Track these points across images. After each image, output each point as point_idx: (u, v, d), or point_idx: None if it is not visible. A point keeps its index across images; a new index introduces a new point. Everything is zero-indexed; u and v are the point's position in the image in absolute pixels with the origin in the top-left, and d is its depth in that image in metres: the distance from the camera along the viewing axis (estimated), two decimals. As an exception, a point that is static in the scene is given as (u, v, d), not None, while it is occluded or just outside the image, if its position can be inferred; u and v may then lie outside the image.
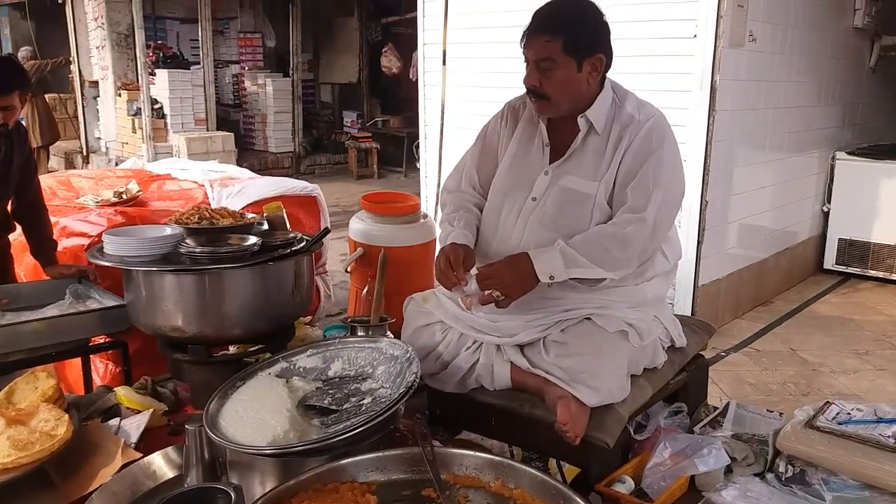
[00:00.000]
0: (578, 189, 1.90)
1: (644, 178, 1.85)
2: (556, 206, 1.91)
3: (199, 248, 2.00)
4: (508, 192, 2.00)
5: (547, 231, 1.90)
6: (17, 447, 1.64)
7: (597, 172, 1.90)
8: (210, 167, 4.22)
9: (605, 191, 1.89)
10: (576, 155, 1.93)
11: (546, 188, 1.94)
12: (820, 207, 5.82)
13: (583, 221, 1.89)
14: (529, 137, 2.02)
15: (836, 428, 1.82)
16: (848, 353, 4.15)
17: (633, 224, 1.83)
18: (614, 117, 1.91)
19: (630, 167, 1.87)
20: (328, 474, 1.42)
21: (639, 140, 1.87)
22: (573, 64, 1.84)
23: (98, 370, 3.07)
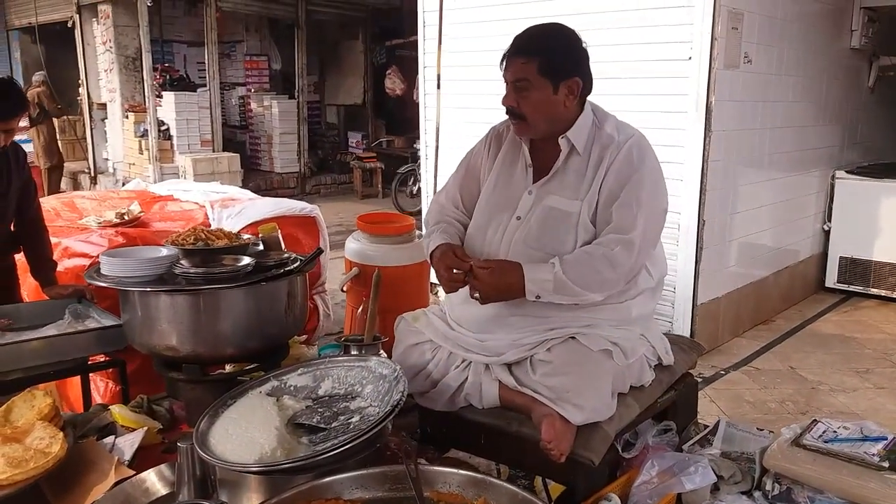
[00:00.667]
0: (561, 208, 1.93)
1: (628, 197, 1.88)
2: (539, 225, 1.95)
3: (193, 269, 2.04)
4: (493, 213, 2.04)
5: (531, 249, 1.94)
6: (11, 464, 1.67)
7: (578, 192, 1.93)
8: (211, 188, 4.28)
9: (588, 210, 1.92)
10: (558, 175, 1.97)
11: (530, 207, 1.97)
12: (820, 226, 5.83)
13: (567, 240, 1.92)
14: (513, 159, 2.06)
15: (822, 446, 1.84)
16: (848, 372, 4.14)
17: (621, 245, 1.86)
18: (594, 138, 1.95)
19: (613, 187, 1.90)
20: (313, 491, 1.44)
21: (620, 160, 1.90)
22: (549, 86, 1.88)
23: (98, 389, 3.11)
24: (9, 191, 2.66)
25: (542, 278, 1.84)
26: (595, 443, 1.80)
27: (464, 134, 4.79)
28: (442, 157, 5.19)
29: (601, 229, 1.91)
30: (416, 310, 2.19)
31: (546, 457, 1.76)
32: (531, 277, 1.84)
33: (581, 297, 1.86)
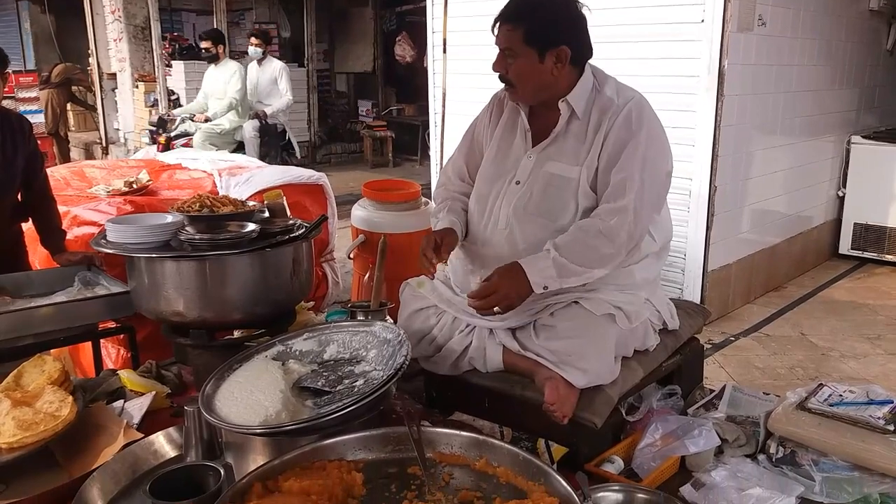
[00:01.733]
0: (561, 174, 1.92)
1: (625, 162, 1.85)
2: (540, 192, 1.93)
3: (198, 235, 2.04)
4: (494, 179, 2.02)
5: (532, 216, 1.93)
6: (21, 427, 1.70)
7: (578, 157, 1.91)
8: (219, 157, 4.28)
9: (588, 175, 1.90)
10: (558, 139, 1.94)
11: (529, 172, 1.96)
12: (835, 192, 5.76)
13: (568, 206, 1.91)
14: (513, 124, 2.04)
15: (827, 409, 1.83)
16: (859, 338, 4.12)
17: (617, 215, 1.83)
18: (594, 102, 1.92)
19: (612, 151, 1.87)
20: (316, 453, 1.46)
21: (618, 124, 1.87)
22: (534, 55, 1.85)
23: (110, 355, 3.14)
24: (14, 161, 2.67)
25: (543, 267, 1.79)
26: (598, 406, 1.80)
27: (470, 100, 4.74)
28: (449, 124, 5.15)
29: (601, 194, 1.89)
30: (421, 276, 2.18)
31: (549, 419, 1.77)
32: (532, 270, 1.79)
33: (586, 275, 1.83)
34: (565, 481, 1.32)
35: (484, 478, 1.43)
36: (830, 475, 1.73)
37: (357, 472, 1.42)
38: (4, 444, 1.69)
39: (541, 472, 1.38)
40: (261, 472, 1.37)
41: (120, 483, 1.66)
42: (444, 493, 1.37)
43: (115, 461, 1.69)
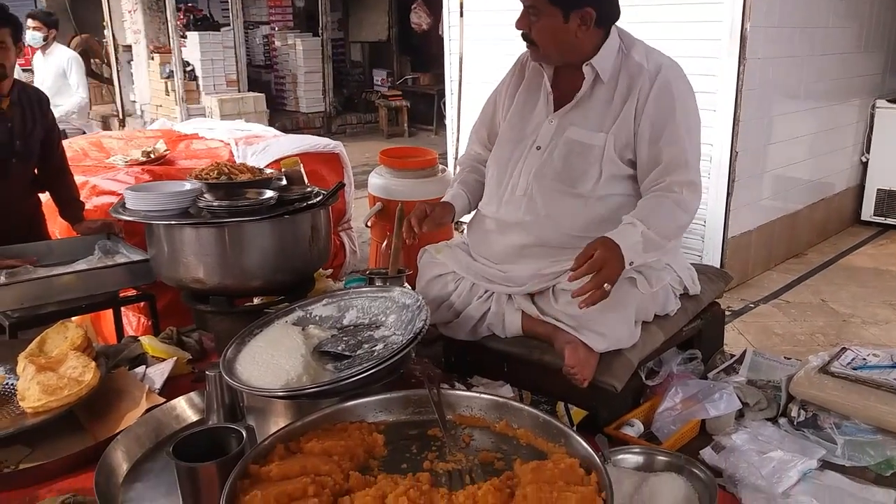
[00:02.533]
0: (583, 141, 1.88)
1: (675, 132, 1.82)
2: (561, 159, 1.90)
3: (216, 203, 2.04)
4: (514, 143, 2.00)
5: (552, 182, 1.90)
6: (46, 392, 1.72)
7: (603, 123, 1.87)
8: (236, 126, 4.28)
9: (617, 143, 1.86)
10: (581, 104, 1.91)
11: (551, 137, 1.92)
12: (858, 157, 5.66)
13: (590, 173, 1.88)
14: (536, 87, 2.01)
15: (851, 373, 1.81)
16: (880, 304, 4.08)
17: (686, 187, 1.82)
18: (621, 66, 1.88)
19: (655, 121, 1.83)
20: (337, 415, 1.47)
21: (657, 92, 1.83)
22: (559, 14, 1.81)
23: (131, 323, 3.19)
24: (32, 134, 2.69)
25: (633, 242, 1.73)
26: (618, 369, 1.79)
27: (487, 66, 4.68)
28: (465, 91, 5.09)
29: (648, 167, 1.85)
30: (439, 242, 2.18)
31: (569, 383, 1.77)
32: (626, 245, 1.71)
33: (664, 248, 1.83)
34: (585, 443, 1.32)
35: (504, 439, 1.43)
36: (852, 438, 1.71)
37: (378, 433, 1.43)
38: (30, 409, 1.72)
39: (561, 434, 1.38)
40: (283, 433, 1.38)
41: (144, 446, 1.69)
42: (464, 454, 1.37)
43: (138, 425, 1.72)
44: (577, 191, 1.89)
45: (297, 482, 1.22)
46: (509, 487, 1.26)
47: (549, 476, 1.26)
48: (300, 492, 1.21)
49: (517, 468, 1.32)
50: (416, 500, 1.18)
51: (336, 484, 1.25)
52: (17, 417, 1.74)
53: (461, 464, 1.34)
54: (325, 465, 1.28)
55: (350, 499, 1.21)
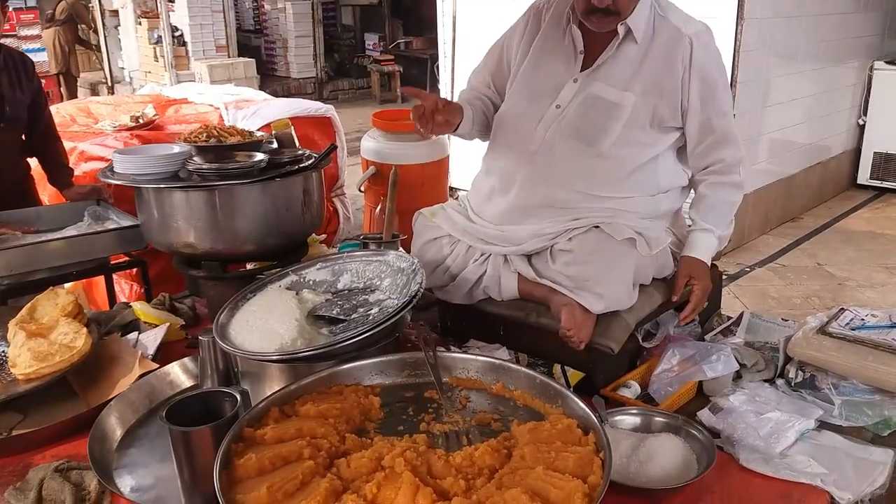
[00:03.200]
0: (605, 97, 1.83)
1: (723, 102, 1.84)
2: (581, 115, 1.84)
3: (206, 165, 2.00)
4: (531, 99, 1.92)
5: (568, 139, 1.85)
6: (37, 358, 1.70)
7: (630, 83, 1.82)
8: (226, 90, 4.21)
9: (648, 107, 1.81)
10: (608, 62, 1.84)
11: (572, 97, 1.86)
12: (855, 120, 5.62)
13: (609, 131, 1.83)
14: (557, 41, 1.92)
15: (849, 333, 1.80)
16: (876, 268, 4.08)
17: (741, 166, 1.88)
18: (655, 28, 1.82)
19: (703, 90, 1.81)
20: (332, 378, 1.46)
21: (701, 60, 1.80)
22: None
23: (123, 291, 3.16)
24: (19, 99, 2.64)
25: (711, 248, 1.89)
26: (615, 331, 1.78)
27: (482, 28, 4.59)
28: (460, 53, 5.01)
29: (699, 137, 1.86)
30: (434, 205, 2.14)
31: (565, 345, 1.76)
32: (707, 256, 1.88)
33: (729, 231, 1.93)
34: (583, 404, 1.31)
35: (501, 401, 1.42)
36: (850, 398, 1.71)
37: (374, 396, 1.42)
38: (21, 375, 1.70)
39: (558, 395, 1.37)
40: (277, 396, 1.37)
41: (137, 412, 1.68)
42: (461, 416, 1.36)
43: (131, 391, 1.70)
44: (593, 148, 1.84)
45: (293, 445, 1.21)
46: (506, 448, 1.25)
47: (546, 437, 1.25)
48: (296, 454, 1.20)
49: (514, 429, 1.31)
50: (413, 462, 1.17)
51: (332, 446, 1.24)
52: (9, 384, 1.72)
53: (458, 425, 1.33)
54: (320, 427, 1.27)
55: (346, 461, 1.20)
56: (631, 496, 1.34)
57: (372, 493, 1.12)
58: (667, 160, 1.92)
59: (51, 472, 1.42)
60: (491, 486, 1.15)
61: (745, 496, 1.37)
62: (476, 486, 1.15)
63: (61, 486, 1.39)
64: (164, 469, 1.43)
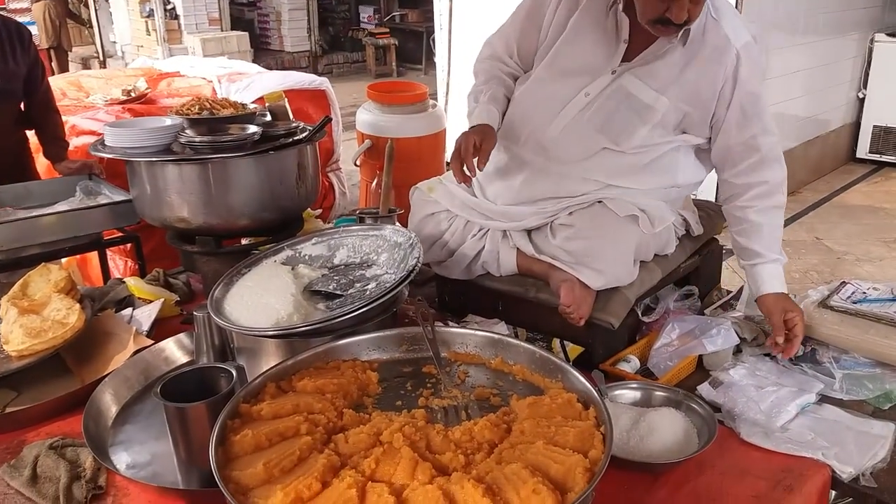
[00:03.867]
0: (639, 97, 1.75)
1: (767, 119, 1.77)
2: (610, 111, 1.76)
3: (199, 138, 1.97)
4: (560, 77, 1.82)
5: (592, 132, 1.78)
6: (30, 335, 1.68)
7: (667, 86, 1.74)
8: (219, 63, 4.14)
9: (675, 111, 1.75)
10: (651, 60, 1.75)
11: (604, 87, 1.78)
12: (855, 93, 5.58)
13: (636, 132, 1.76)
14: (599, 21, 1.80)
15: (850, 307, 1.78)
16: (875, 242, 4.06)
17: (784, 186, 1.82)
18: (705, 30, 1.72)
19: (747, 106, 1.73)
20: (329, 353, 1.44)
21: (748, 74, 1.72)
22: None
23: (118, 267, 3.14)
24: (16, 70, 2.60)
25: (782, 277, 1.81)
26: (615, 306, 1.76)
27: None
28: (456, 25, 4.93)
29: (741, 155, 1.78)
30: (431, 179, 2.11)
31: (565, 320, 1.74)
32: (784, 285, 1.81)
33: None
34: (583, 378, 1.30)
35: (500, 376, 1.41)
36: (851, 372, 1.70)
37: (371, 371, 1.40)
38: (14, 352, 1.68)
39: (558, 369, 1.35)
40: (274, 372, 1.35)
41: (133, 388, 1.66)
42: (460, 391, 1.34)
43: (126, 367, 1.69)
44: (617, 147, 1.78)
45: (290, 420, 1.19)
46: (506, 423, 1.24)
47: (546, 411, 1.24)
48: (293, 430, 1.18)
49: (514, 404, 1.29)
50: (412, 437, 1.16)
51: (329, 422, 1.22)
52: (2, 361, 1.69)
53: (457, 400, 1.32)
54: (318, 403, 1.25)
55: (344, 436, 1.18)
56: (631, 470, 1.34)
57: (370, 469, 1.10)
58: (687, 157, 1.86)
59: (45, 449, 1.41)
60: (491, 460, 1.13)
61: (746, 470, 1.36)
62: (475, 460, 1.14)
63: (56, 463, 1.37)
64: (160, 446, 1.41)
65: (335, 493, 1.03)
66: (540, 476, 1.05)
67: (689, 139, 1.83)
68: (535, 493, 1.01)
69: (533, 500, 1.00)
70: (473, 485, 1.03)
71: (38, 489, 1.33)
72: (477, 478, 1.07)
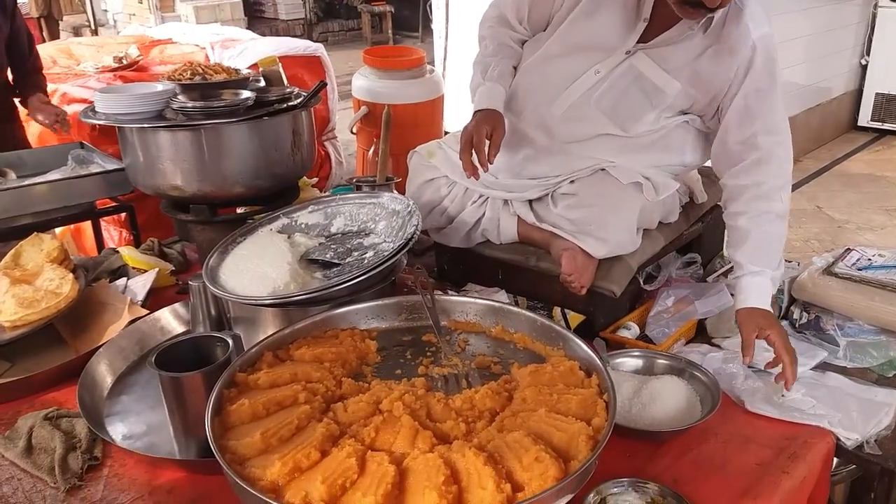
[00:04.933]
0: (651, 78, 1.69)
1: (775, 118, 1.66)
2: (620, 93, 1.70)
3: (191, 104, 1.91)
4: (571, 51, 1.75)
5: (599, 113, 1.73)
6: (23, 305, 1.65)
7: (680, 71, 1.67)
8: (212, 30, 4.07)
9: (685, 97, 1.69)
10: (667, 43, 1.68)
11: (616, 66, 1.71)
12: (857, 60, 5.50)
13: (645, 119, 1.71)
14: (618, 1, 1.71)
15: (855, 273, 1.76)
16: (876, 210, 4.04)
17: (785, 192, 1.67)
18: (726, 19, 1.64)
19: (753, 101, 1.65)
20: (327, 321, 1.41)
21: (761, 68, 1.63)
22: None
23: (113, 238, 3.10)
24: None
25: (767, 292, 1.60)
26: (617, 274, 1.74)
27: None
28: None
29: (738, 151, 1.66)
30: (431, 142, 2.07)
31: (566, 289, 1.71)
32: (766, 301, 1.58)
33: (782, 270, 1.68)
34: (585, 345, 1.28)
35: (501, 344, 1.39)
36: (855, 339, 1.68)
37: (370, 340, 1.38)
38: (7, 322, 1.65)
39: (559, 337, 1.33)
40: (271, 341, 1.33)
41: (128, 359, 1.64)
42: (460, 359, 1.32)
43: (121, 337, 1.67)
44: (624, 133, 1.73)
45: (288, 389, 1.17)
46: (507, 391, 1.22)
47: (548, 379, 1.22)
48: (290, 399, 1.16)
49: (515, 372, 1.28)
50: (412, 405, 1.14)
51: (328, 391, 1.20)
52: (-5, 331, 1.67)
53: (457, 368, 1.30)
54: (316, 372, 1.23)
55: (343, 405, 1.16)
56: (634, 439, 1.32)
57: (370, 437, 1.08)
58: (697, 138, 1.81)
59: (40, 420, 1.39)
60: (492, 428, 1.12)
61: (749, 438, 1.34)
62: (477, 429, 1.12)
63: (51, 433, 1.35)
64: (157, 416, 1.40)
65: (334, 461, 1.01)
66: (542, 444, 1.04)
67: (696, 121, 1.78)
68: (537, 460, 1.00)
69: (536, 468, 0.99)
70: (475, 453, 1.01)
71: (34, 460, 1.31)
72: (478, 446, 1.05)
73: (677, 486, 1.20)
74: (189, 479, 1.26)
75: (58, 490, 1.25)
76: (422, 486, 0.97)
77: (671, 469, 1.26)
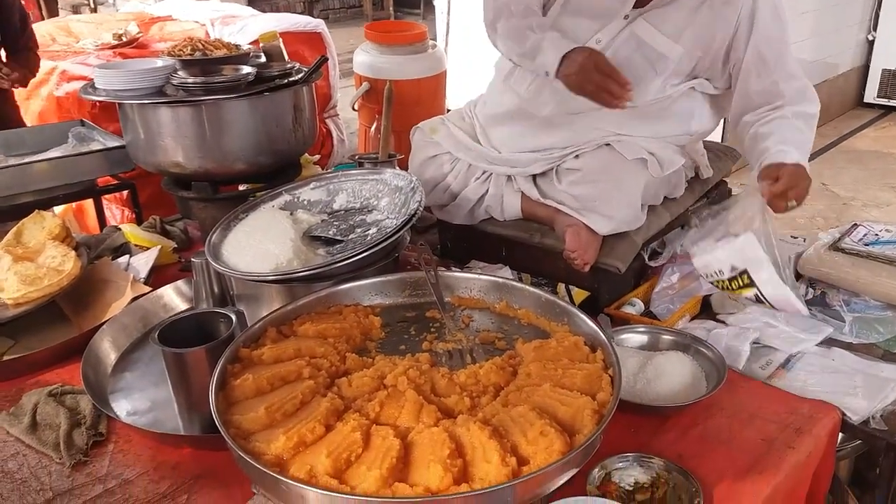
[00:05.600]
0: (655, 47, 1.68)
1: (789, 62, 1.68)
2: (623, 59, 1.68)
3: (191, 80, 1.90)
4: (570, 22, 1.75)
5: None
6: (25, 282, 1.65)
7: (681, 32, 1.67)
8: (212, 6, 4.02)
9: (689, 59, 1.68)
10: (664, 3, 1.68)
11: (616, 34, 1.70)
12: (864, 35, 5.43)
13: (650, 87, 1.70)
14: None
15: (862, 249, 1.75)
16: (882, 187, 4.01)
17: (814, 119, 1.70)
18: None
19: (764, 50, 1.65)
20: (331, 298, 1.41)
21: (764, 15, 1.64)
22: None
23: (115, 216, 3.09)
24: None
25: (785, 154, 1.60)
26: (622, 251, 1.73)
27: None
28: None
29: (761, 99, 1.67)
30: (434, 118, 2.05)
31: (570, 266, 1.70)
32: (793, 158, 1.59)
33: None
34: (590, 320, 1.27)
35: (505, 320, 1.38)
36: (862, 315, 1.67)
37: (374, 316, 1.37)
38: (9, 300, 1.65)
39: (564, 313, 1.32)
40: (275, 316, 1.32)
41: (131, 336, 1.64)
42: (464, 335, 1.32)
43: (124, 314, 1.66)
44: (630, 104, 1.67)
45: (292, 364, 1.17)
46: (512, 366, 1.21)
47: (552, 354, 1.21)
48: (295, 374, 1.15)
49: (519, 347, 1.27)
50: (417, 380, 1.13)
51: (332, 366, 1.20)
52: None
53: (461, 344, 1.29)
54: (320, 347, 1.23)
55: (347, 380, 1.16)
56: (639, 414, 1.32)
57: (375, 412, 1.08)
58: (703, 105, 1.80)
59: (44, 396, 1.39)
60: (497, 403, 1.11)
61: (755, 413, 1.34)
62: (481, 403, 1.12)
63: (56, 410, 1.35)
64: (161, 392, 1.40)
65: (339, 436, 1.01)
66: (547, 418, 1.03)
67: (704, 85, 1.77)
68: (542, 434, 0.99)
69: (541, 443, 0.98)
70: (480, 427, 1.01)
71: (38, 436, 1.31)
72: (483, 420, 1.05)
73: (682, 461, 1.20)
74: (193, 455, 1.26)
75: (63, 465, 1.25)
76: (427, 460, 0.97)
77: (676, 444, 1.26)
